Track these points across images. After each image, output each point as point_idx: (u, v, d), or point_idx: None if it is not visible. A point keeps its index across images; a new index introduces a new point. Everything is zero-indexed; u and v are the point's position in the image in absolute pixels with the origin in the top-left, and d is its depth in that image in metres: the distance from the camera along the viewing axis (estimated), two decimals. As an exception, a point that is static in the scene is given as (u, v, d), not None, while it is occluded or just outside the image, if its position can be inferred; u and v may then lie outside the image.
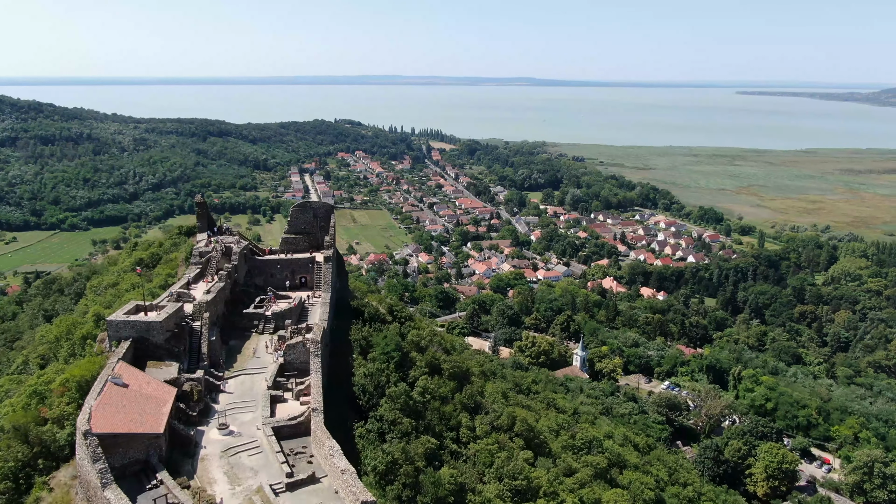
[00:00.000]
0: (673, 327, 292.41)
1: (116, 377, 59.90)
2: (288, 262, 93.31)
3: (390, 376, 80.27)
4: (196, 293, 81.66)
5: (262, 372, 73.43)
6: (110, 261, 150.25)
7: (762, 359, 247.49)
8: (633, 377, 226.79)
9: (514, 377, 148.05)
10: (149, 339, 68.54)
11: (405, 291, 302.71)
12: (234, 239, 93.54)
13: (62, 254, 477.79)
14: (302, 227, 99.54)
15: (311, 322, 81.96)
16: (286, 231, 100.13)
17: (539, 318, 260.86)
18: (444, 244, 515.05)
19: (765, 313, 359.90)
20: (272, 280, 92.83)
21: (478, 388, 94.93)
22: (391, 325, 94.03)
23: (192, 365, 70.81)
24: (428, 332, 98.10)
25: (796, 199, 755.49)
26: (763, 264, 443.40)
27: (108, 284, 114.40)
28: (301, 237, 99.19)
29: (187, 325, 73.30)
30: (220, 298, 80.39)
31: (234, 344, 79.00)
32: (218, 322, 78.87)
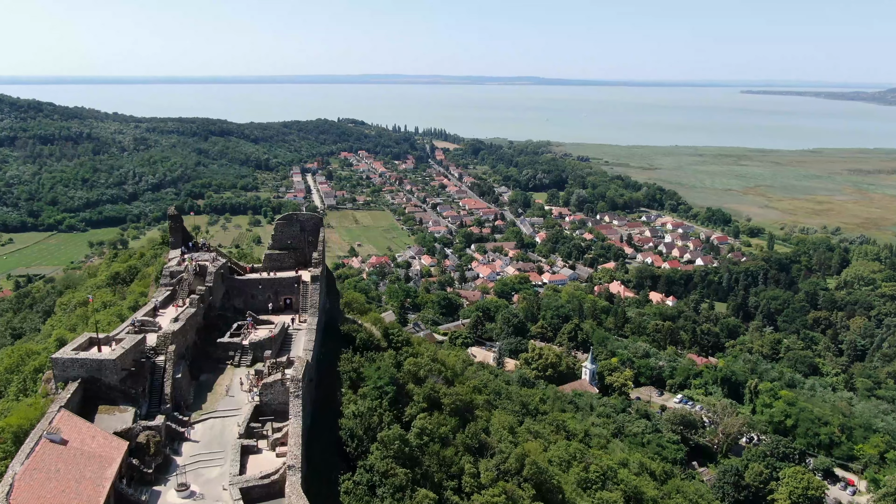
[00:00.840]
0: (684, 335, 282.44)
1: (53, 432, 50.31)
2: (271, 281, 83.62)
3: (383, 416, 70.65)
4: (163, 320, 72.01)
5: (235, 414, 63.81)
6: (90, 271, 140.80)
7: (778, 369, 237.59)
8: (644, 390, 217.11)
9: (520, 396, 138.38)
10: (101, 379, 58.97)
11: (407, 297, 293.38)
12: (210, 256, 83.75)
13: (59, 256, 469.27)
14: (287, 242, 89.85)
15: (294, 354, 72.28)
16: (270, 246, 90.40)
17: (545, 327, 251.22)
18: (447, 246, 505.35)
19: (777, 319, 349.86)
20: (253, 302, 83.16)
21: (482, 425, 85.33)
22: (386, 352, 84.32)
23: (153, 408, 61.22)
24: (427, 360, 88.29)
25: (804, 199, 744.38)
26: (774, 268, 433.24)
27: (79, 302, 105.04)
28: (286, 253, 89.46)
29: (149, 361, 63.68)
30: (190, 327, 70.74)
31: (205, 379, 69.34)
32: (187, 354, 69.26)
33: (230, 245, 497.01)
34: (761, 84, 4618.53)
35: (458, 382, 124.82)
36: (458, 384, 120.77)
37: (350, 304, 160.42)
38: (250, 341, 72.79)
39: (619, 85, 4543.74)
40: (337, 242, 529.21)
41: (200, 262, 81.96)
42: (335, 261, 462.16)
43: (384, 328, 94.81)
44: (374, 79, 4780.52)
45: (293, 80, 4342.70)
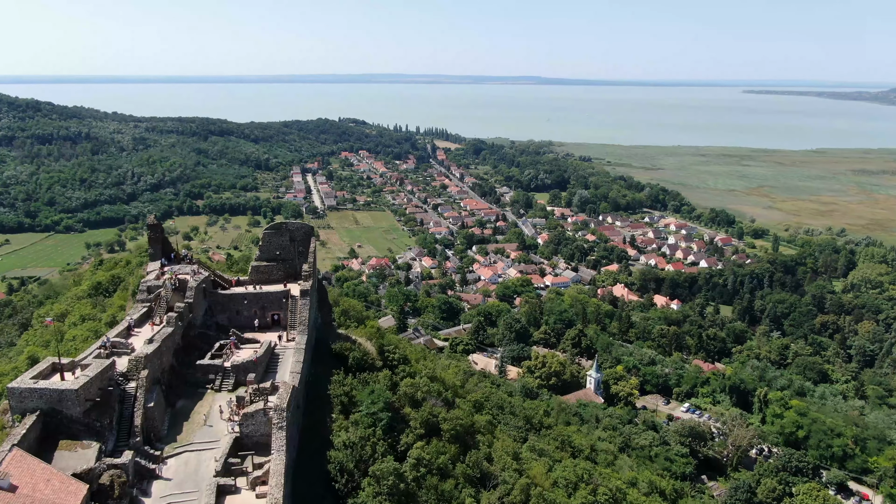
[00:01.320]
0: (689, 340, 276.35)
1: (1, 478, 44.64)
2: (257, 296, 77.73)
3: (376, 446, 64.79)
4: (137, 341, 66.22)
5: (212, 447, 58.06)
6: (76, 279, 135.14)
7: (787, 376, 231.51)
8: (650, 398, 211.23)
9: (524, 410, 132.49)
10: (62, 411, 53.22)
11: (407, 301, 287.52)
12: (191, 269, 77.91)
13: (55, 257, 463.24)
14: (276, 253, 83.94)
15: (280, 378, 66.55)
16: (257, 258, 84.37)
17: (548, 332, 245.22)
18: (448, 248, 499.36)
19: (783, 323, 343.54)
20: (238, 319, 77.34)
21: (484, 452, 79.44)
22: (381, 372, 78.44)
23: (121, 442, 55.44)
24: (425, 381, 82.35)
25: (809, 200, 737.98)
26: (779, 270, 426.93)
27: (57, 314, 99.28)
28: (274, 265, 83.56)
29: (118, 388, 57.91)
30: (166, 348, 64.95)
31: (182, 406, 63.52)
32: (163, 378, 63.47)
33: (229, 246, 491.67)
34: (763, 84, 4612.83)
35: (460, 396, 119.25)
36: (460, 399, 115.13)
37: (347, 312, 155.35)
38: (232, 363, 66.95)
39: (620, 84, 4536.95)
40: (337, 243, 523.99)
41: (180, 276, 76.13)
42: (335, 262, 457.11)
43: (379, 344, 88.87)
44: (376, 78, 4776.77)
45: (294, 80, 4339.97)
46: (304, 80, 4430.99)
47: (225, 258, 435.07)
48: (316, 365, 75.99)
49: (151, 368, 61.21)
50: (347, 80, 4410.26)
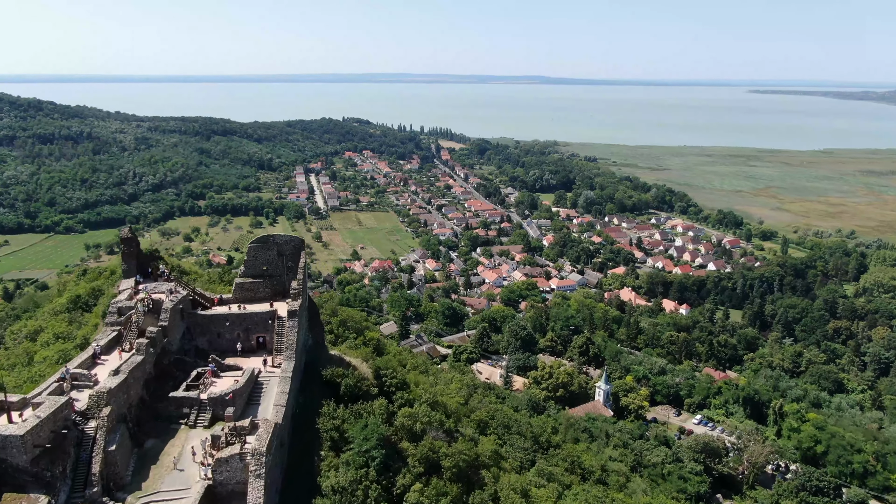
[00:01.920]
0: (700, 347, 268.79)
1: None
2: (240, 317, 70.87)
3: (369, 490, 57.87)
4: (103, 371, 59.34)
5: (182, 496, 51.23)
6: (60, 288, 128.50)
7: (801, 386, 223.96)
8: (660, 409, 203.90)
9: (531, 428, 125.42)
10: (6, 459, 46.39)
11: (409, 306, 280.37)
12: (168, 288, 71.05)
13: (55, 258, 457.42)
14: (262, 269, 76.98)
15: (263, 412, 59.66)
16: (241, 274, 77.29)
17: (555, 340, 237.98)
18: (452, 249, 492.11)
19: (795, 329, 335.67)
20: (219, 342, 70.52)
21: (490, 490, 72.27)
22: (376, 401, 71.44)
23: (76, 493, 48.73)
24: (424, 409, 75.17)
25: (817, 201, 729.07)
26: (789, 274, 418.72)
27: (29, 333, 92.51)
28: (261, 282, 76.57)
29: (75, 430, 51.05)
30: (134, 380, 58.08)
31: (151, 446, 56.63)
32: (130, 414, 56.59)
33: (230, 247, 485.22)
34: (768, 83, 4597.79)
35: (464, 416, 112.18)
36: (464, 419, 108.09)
37: (345, 323, 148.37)
38: (209, 395, 60.01)
39: (623, 84, 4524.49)
40: (340, 245, 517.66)
41: (155, 296, 69.22)
42: (337, 264, 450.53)
43: (375, 367, 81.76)
44: (378, 77, 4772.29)
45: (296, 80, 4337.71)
46: (306, 79, 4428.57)
47: (226, 260, 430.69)
48: (305, 393, 69.15)
49: (116, 404, 54.40)
50: (350, 80, 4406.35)
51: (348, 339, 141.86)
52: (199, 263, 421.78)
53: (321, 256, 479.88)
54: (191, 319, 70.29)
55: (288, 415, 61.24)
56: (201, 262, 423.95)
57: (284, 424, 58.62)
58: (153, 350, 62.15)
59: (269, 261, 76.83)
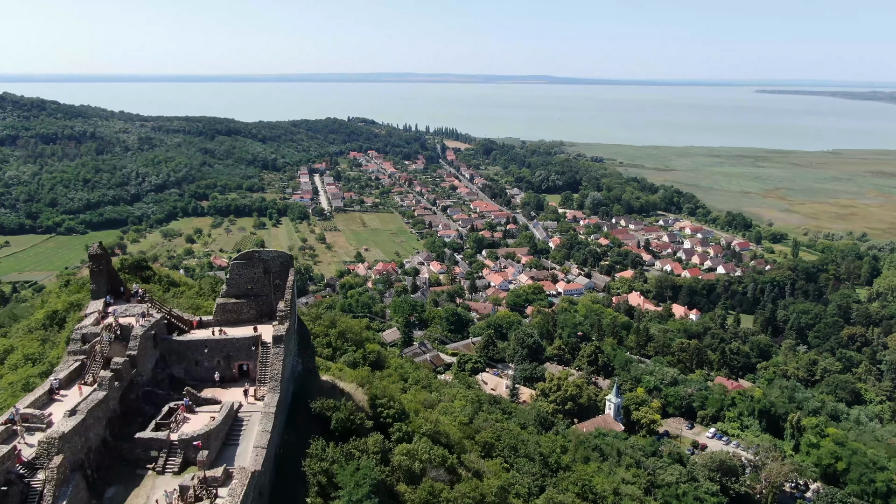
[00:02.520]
0: (711, 355, 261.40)
1: None
2: (220, 343, 64.08)
3: (361, 546, 51.13)
4: (59, 410, 52.59)
5: (143, 561, 44.40)
6: (43, 299, 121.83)
7: (818, 397, 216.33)
8: (672, 421, 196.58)
9: (538, 448, 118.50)
10: (-68, 525, 39.79)
11: (413, 312, 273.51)
12: (140, 310, 64.30)
13: (55, 260, 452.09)
14: (247, 288, 70.26)
15: (239, 458, 52.76)
16: (224, 293, 70.48)
17: (562, 348, 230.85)
18: (457, 252, 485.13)
19: (808, 335, 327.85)
20: (197, 370, 63.82)
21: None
22: (371, 437, 64.59)
23: (17, 560, 41.85)
24: (425, 445, 68.24)
25: (827, 203, 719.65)
26: (801, 278, 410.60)
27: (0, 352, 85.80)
28: (245, 302, 69.85)
29: (20, 484, 44.33)
30: (95, 421, 51.30)
31: (112, 496, 49.80)
32: (89, 460, 49.84)
33: (232, 249, 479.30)
34: (775, 83, 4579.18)
35: (467, 438, 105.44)
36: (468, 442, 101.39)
37: (344, 334, 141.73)
38: (180, 436, 53.14)
39: (635, 84, 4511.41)
40: (343, 246, 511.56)
41: (125, 320, 62.43)
42: (341, 266, 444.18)
43: (371, 396, 74.78)
44: (386, 77, 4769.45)
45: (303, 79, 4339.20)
46: (311, 79, 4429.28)
47: (227, 262, 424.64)
48: (291, 428, 62.32)
49: (71, 450, 47.70)
50: (355, 80, 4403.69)
51: (347, 352, 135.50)
52: (200, 266, 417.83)
53: (325, 258, 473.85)
54: (165, 346, 63.52)
55: (270, 457, 54.46)
56: (202, 265, 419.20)
57: (265, 471, 51.84)
58: (119, 384, 55.36)
59: (255, 279, 70.02)
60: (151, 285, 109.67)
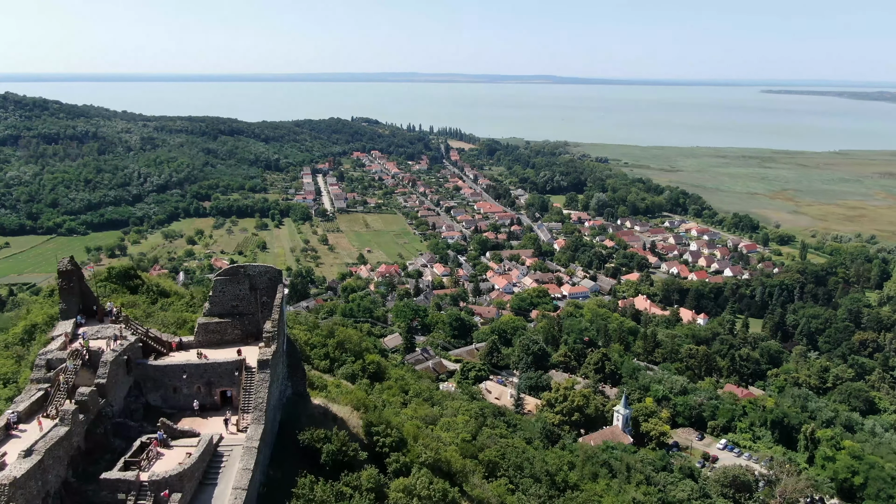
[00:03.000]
0: (720, 361, 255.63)
1: None
2: (201, 368, 58.69)
3: None
4: (15, 449, 47.17)
5: None
6: (29, 308, 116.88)
7: (831, 406, 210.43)
8: (682, 432, 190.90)
9: (545, 466, 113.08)
10: None
11: (416, 316, 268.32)
12: (112, 332, 58.83)
13: (55, 261, 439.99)
14: (231, 306, 64.95)
15: (217, 498, 47.37)
16: (206, 311, 64.78)
17: (568, 355, 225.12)
18: (460, 253, 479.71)
19: (818, 340, 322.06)
20: (175, 398, 58.50)
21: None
22: (365, 471, 59.17)
23: None
24: (425, 479, 62.57)
25: (835, 204, 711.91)
26: (810, 281, 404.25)
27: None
28: (229, 322, 64.51)
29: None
30: (55, 461, 45.96)
31: (72, 547, 44.56)
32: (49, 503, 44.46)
33: (234, 251, 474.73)
34: (781, 83, 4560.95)
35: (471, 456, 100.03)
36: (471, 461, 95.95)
37: (342, 345, 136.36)
38: (151, 476, 47.73)
39: (636, 84, 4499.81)
40: (346, 248, 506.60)
41: (95, 344, 57.05)
42: (343, 269, 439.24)
43: (367, 423, 69.29)
44: (390, 77, 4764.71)
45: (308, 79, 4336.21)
46: (315, 78, 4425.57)
47: (228, 265, 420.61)
48: (276, 464, 56.89)
49: (25, 497, 42.41)
50: (361, 79, 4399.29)
51: (346, 364, 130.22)
52: (201, 268, 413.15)
53: (327, 260, 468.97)
54: (140, 372, 58.12)
55: (252, 498, 49.13)
56: (203, 267, 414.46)
57: (245, 516, 46.43)
58: (84, 417, 50.01)
59: (240, 296, 64.64)
60: (139, 296, 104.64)
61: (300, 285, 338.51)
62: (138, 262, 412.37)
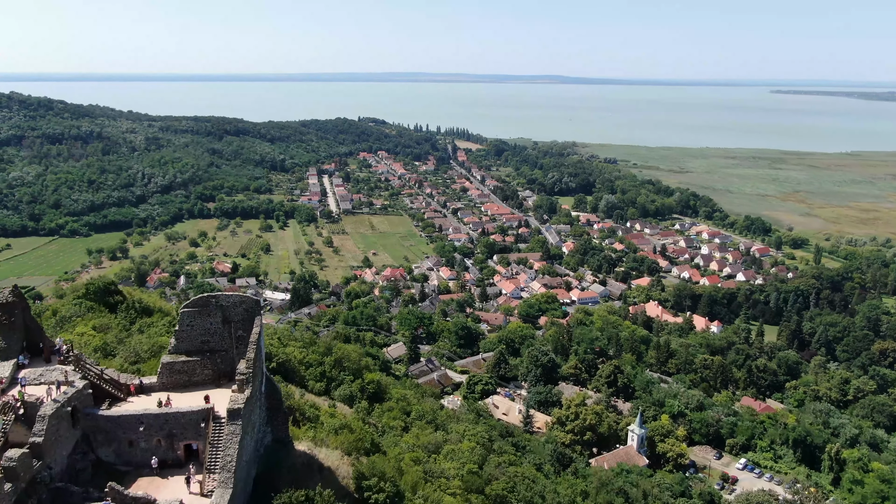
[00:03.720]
0: (737, 372, 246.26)
1: None
2: (161, 418, 50.15)
3: None
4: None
5: None
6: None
7: (855, 423, 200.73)
8: (699, 450, 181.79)
9: (557, 499, 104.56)
10: None
11: (420, 324, 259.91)
12: (58, 376, 50.39)
13: (56, 264, 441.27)
14: (201, 342, 56.34)
15: None
16: (171, 348, 56.06)
17: (579, 367, 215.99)
18: (467, 257, 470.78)
19: (836, 349, 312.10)
20: (131, 453, 50.18)
21: None
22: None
23: None
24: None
25: (848, 206, 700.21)
26: (826, 286, 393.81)
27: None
28: (198, 361, 56.19)
29: None
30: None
31: None
32: None
33: (237, 253, 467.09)
34: (790, 83, 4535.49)
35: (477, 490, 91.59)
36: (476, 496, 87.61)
37: (340, 363, 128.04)
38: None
39: (643, 84, 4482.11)
40: (351, 250, 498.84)
41: (33, 391, 48.63)
42: (347, 272, 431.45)
43: (358, 474, 60.78)
44: (398, 77, 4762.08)
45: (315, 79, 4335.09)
46: (322, 78, 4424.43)
47: (230, 267, 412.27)
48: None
49: None
50: (366, 79, 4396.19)
51: (344, 384, 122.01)
52: (202, 272, 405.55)
53: (332, 263, 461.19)
54: (89, 423, 49.74)
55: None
56: (204, 270, 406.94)
57: None
58: (13, 487, 41.65)
59: (211, 330, 56.20)
60: (117, 315, 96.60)
61: (303, 290, 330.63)
62: (139, 265, 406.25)
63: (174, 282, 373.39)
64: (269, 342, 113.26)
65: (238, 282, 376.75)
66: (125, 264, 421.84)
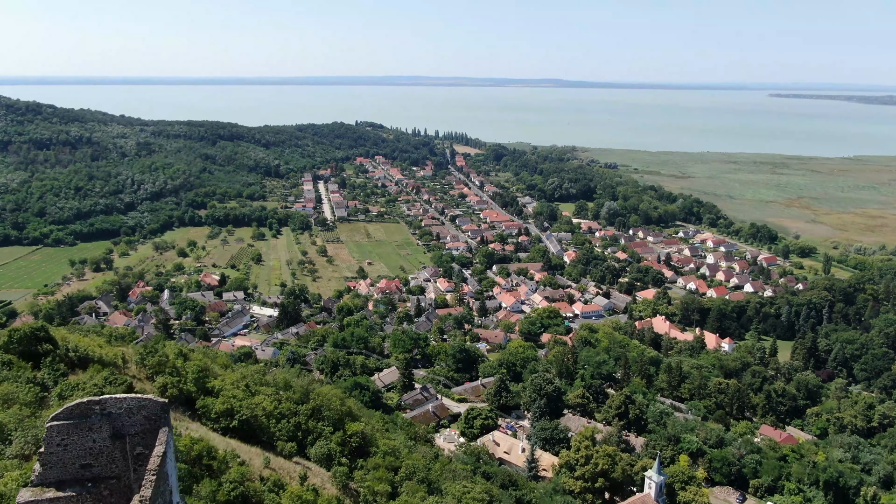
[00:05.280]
0: (754, 398, 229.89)
1: None
2: None
3: None
4: None
5: None
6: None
7: (887, 458, 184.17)
8: (720, 491, 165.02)
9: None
10: None
11: (415, 346, 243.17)
12: None
13: (38, 275, 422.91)
14: (80, 467, 39.46)
15: None
16: (36, 478, 38.50)
17: (586, 396, 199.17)
18: (465, 267, 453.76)
19: (854, 367, 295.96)
20: None
21: None
22: None
23: None
24: None
25: (854, 213, 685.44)
26: (838, 299, 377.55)
27: None
28: (74, 497, 39.06)
29: None
30: None
31: None
32: None
33: (226, 264, 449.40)
34: (789, 87, 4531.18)
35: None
36: None
37: (319, 411, 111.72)
38: None
39: (643, 88, 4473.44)
40: (346, 260, 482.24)
41: None
42: (341, 284, 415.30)
43: None
44: (396, 80, 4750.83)
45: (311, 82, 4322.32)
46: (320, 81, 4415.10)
47: (218, 280, 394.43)
48: None
49: None
50: (366, 83, 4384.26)
51: (322, 437, 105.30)
52: (188, 285, 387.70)
53: (325, 273, 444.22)
54: None
55: None
56: (190, 283, 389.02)
57: None
58: None
59: (95, 450, 39.32)
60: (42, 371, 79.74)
61: (291, 307, 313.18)
62: (122, 278, 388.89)
63: (157, 297, 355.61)
64: (233, 392, 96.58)
65: (225, 296, 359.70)
66: (108, 276, 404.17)
